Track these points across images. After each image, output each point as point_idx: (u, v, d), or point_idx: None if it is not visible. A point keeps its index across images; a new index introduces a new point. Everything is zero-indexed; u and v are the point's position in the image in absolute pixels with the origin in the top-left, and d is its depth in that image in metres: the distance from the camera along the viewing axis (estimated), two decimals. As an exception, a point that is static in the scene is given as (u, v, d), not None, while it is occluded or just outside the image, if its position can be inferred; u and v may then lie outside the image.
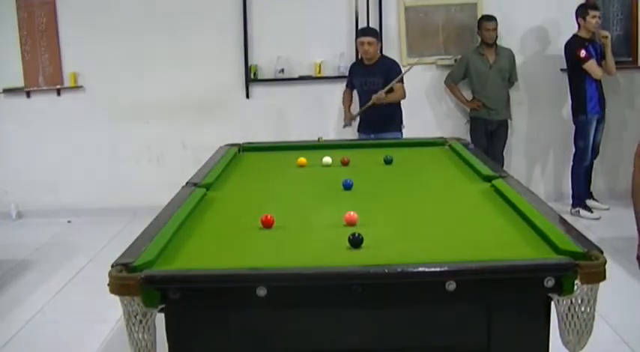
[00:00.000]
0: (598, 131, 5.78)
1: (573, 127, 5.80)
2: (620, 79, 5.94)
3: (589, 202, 5.91)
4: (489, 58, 5.88)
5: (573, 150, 5.85)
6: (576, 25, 5.62)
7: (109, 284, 1.92)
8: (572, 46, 5.59)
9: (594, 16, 5.52)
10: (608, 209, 5.90)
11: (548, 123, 6.21)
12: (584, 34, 5.59)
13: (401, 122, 5.25)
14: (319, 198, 3.05)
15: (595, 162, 5.95)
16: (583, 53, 5.50)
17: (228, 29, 6.08)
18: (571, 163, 5.90)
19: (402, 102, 5.22)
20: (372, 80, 5.14)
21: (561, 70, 6.00)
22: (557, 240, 2.11)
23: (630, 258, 4.59)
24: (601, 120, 5.76)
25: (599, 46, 5.62)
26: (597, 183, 6.11)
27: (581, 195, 5.85)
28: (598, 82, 5.62)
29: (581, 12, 5.57)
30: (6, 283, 4.64)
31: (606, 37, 5.56)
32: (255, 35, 6.08)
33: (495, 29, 5.79)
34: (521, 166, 6.21)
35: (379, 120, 5.11)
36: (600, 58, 5.61)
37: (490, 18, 5.81)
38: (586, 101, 5.62)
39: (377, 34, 5.29)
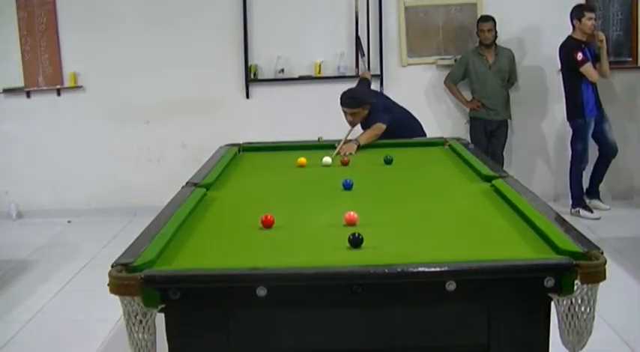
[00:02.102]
0: (607, 130, 5.74)
1: (570, 130, 5.79)
2: (621, 79, 5.94)
3: (593, 201, 5.89)
4: (489, 58, 5.88)
5: (570, 152, 5.83)
6: (571, 27, 5.59)
7: (109, 284, 1.92)
8: (568, 48, 5.54)
9: (590, 18, 5.45)
10: (609, 209, 5.89)
11: (547, 123, 6.21)
12: (579, 36, 5.53)
13: (421, 127, 4.81)
14: (319, 198, 3.05)
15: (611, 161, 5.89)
16: (580, 56, 5.45)
17: (228, 29, 6.08)
18: (569, 165, 5.88)
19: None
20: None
21: (560, 70, 6.00)
22: (557, 240, 2.11)
23: (631, 258, 4.62)
24: (601, 119, 5.73)
25: (595, 48, 5.58)
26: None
27: (580, 195, 5.84)
28: (594, 85, 5.59)
29: (577, 13, 5.52)
30: (6, 283, 4.64)
31: (602, 40, 5.51)
32: (255, 35, 6.09)
33: (492, 30, 5.79)
34: (521, 166, 6.21)
35: (400, 135, 4.53)
36: (595, 60, 5.58)
37: (486, 19, 5.80)
38: (583, 104, 5.58)
39: (359, 103, 4.40)
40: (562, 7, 5.89)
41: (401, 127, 4.48)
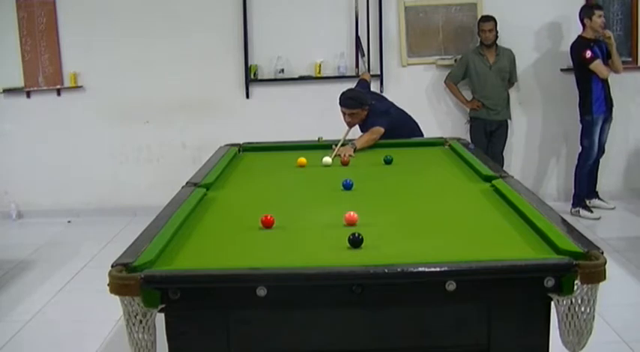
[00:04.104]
0: (604, 130, 5.78)
1: (579, 127, 5.80)
2: (621, 78, 5.93)
3: (594, 201, 5.91)
4: (489, 58, 5.88)
5: (579, 149, 5.84)
6: (580, 26, 5.62)
7: (109, 284, 1.92)
8: (578, 47, 5.60)
9: (600, 16, 5.54)
10: (613, 208, 5.89)
11: (548, 124, 6.21)
12: (589, 35, 5.59)
13: (419, 129, 4.75)
14: (319, 198, 3.05)
15: (600, 161, 5.93)
16: (588, 54, 5.51)
17: (228, 29, 6.08)
18: (575, 163, 5.89)
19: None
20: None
21: (561, 70, 6.01)
22: (557, 240, 2.11)
23: (631, 258, 4.63)
24: (607, 119, 5.76)
25: (605, 45, 5.62)
26: (599, 183, 6.09)
27: (582, 194, 5.85)
28: (604, 82, 5.63)
29: (587, 12, 5.58)
30: (6, 283, 4.64)
31: (609, 37, 5.56)
32: (255, 35, 6.08)
33: (492, 30, 5.79)
34: (521, 166, 6.21)
35: (399, 136, 4.46)
36: (606, 57, 5.62)
37: (487, 19, 5.81)
38: (592, 101, 5.63)
39: (358, 103, 4.37)
40: (562, 7, 5.91)
41: (399, 129, 4.47)
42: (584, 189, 5.86)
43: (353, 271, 1.98)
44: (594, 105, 5.63)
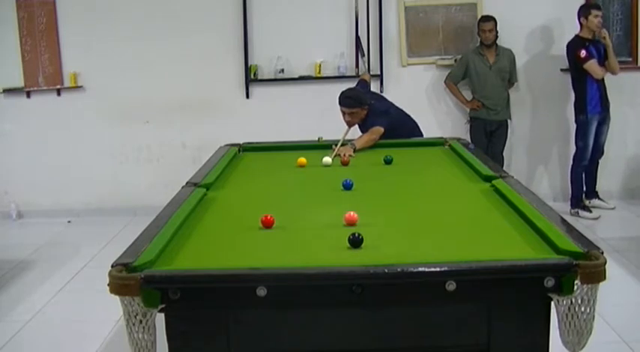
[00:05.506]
0: (602, 132, 5.78)
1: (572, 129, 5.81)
2: (621, 78, 5.94)
3: (595, 201, 5.91)
4: (489, 58, 5.88)
5: (574, 149, 5.85)
6: (578, 26, 5.62)
7: (109, 284, 1.92)
8: (573, 46, 5.60)
9: (597, 16, 5.52)
10: (613, 208, 5.90)
11: (548, 123, 6.21)
12: (585, 34, 5.59)
13: (418, 129, 4.75)
14: (319, 198, 3.05)
15: (599, 161, 5.94)
16: (583, 53, 5.51)
17: (228, 29, 6.08)
18: (571, 163, 5.90)
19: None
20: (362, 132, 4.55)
21: (561, 69, 6.01)
22: (557, 240, 2.11)
23: (631, 258, 4.63)
24: (604, 120, 5.75)
25: (602, 46, 5.61)
26: (599, 183, 6.09)
27: (579, 195, 5.85)
28: (600, 83, 5.62)
29: (584, 12, 5.58)
30: (6, 283, 4.64)
31: (605, 37, 5.56)
32: (255, 35, 6.09)
33: (492, 30, 5.79)
34: (521, 166, 6.22)
35: (398, 136, 4.45)
36: (603, 58, 5.62)
37: (487, 19, 5.81)
38: (586, 101, 5.63)
39: (358, 102, 4.37)
40: (562, 7, 5.91)
41: (399, 129, 4.47)
42: (581, 189, 5.86)
43: (353, 271, 1.98)
44: (589, 105, 5.63)
